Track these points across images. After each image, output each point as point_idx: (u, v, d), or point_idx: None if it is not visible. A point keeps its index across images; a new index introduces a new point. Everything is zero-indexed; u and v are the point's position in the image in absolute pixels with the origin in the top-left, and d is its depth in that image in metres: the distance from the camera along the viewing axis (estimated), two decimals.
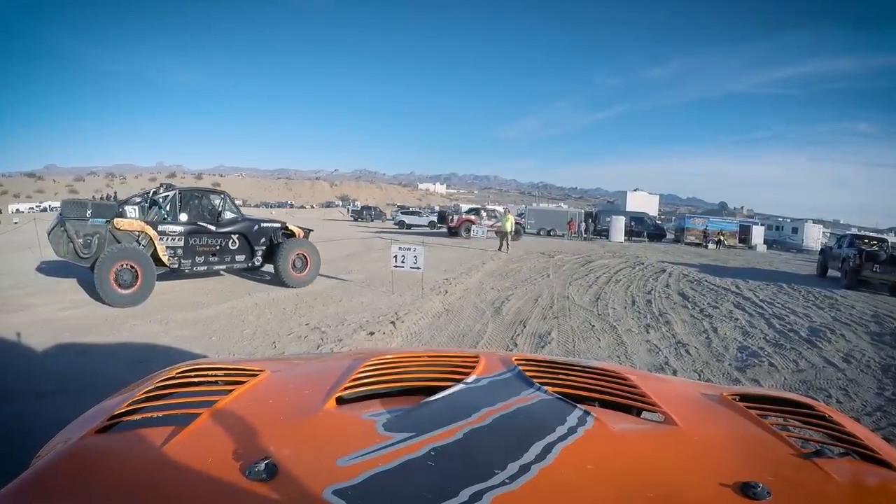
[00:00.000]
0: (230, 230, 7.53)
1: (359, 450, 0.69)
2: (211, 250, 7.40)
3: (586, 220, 29.14)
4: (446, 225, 22.49)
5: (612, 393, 0.99)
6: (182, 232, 7.02)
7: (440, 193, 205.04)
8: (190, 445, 0.73)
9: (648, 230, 29.03)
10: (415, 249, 7.23)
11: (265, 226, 7.97)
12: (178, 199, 7.15)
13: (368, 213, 42.93)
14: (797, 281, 11.80)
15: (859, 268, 10.91)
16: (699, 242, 27.20)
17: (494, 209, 26.54)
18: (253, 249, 7.80)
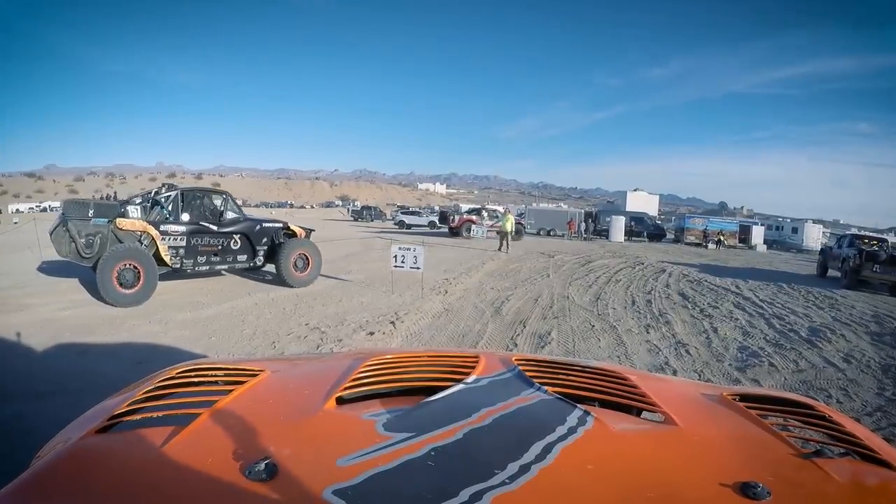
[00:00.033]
0: (232, 230, 7.53)
1: (359, 450, 0.69)
2: (213, 250, 7.40)
3: (586, 220, 29.16)
4: (448, 225, 22.72)
5: (612, 393, 0.99)
6: (184, 232, 7.02)
7: (440, 193, 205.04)
8: (190, 445, 0.73)
9: (648, 230, 29.03)
10: (414, 249, 7.23)
11: (267, 226, 7.97)
12: (181, 199, 7.15)
13: (368, 213, 42.91)
14: (797, 281, 11.80)
15: (859, 268, 10.91)
16: (699, 242, 27.22)
17: (495, 209, 26.56)
18: (255, 249, 7.79)
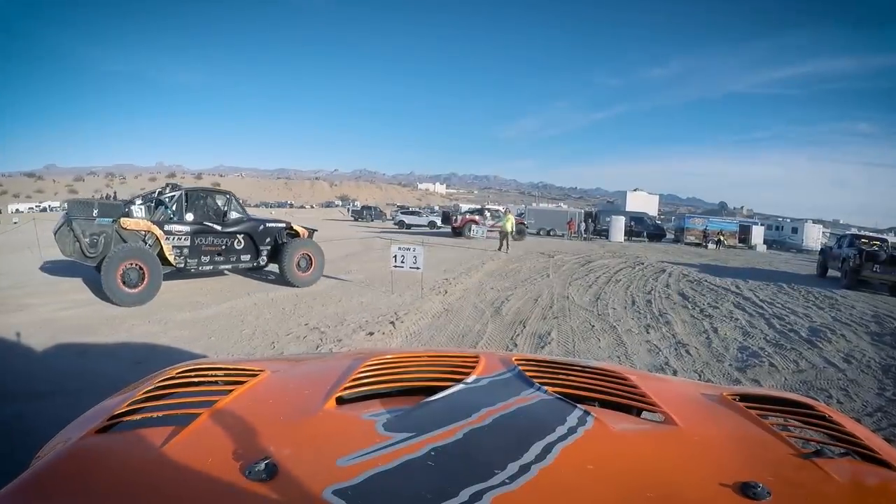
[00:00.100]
0: (235, 230, 7.55)
1: (359, 450, 0.69)
2: (216, 250, 7.42)
3: (586, 220, 29.17)
4: (450, 225, 23.13)
5: (612, 393, 0.99)
6: (188, 232, 7.04)
7: (440, 193, 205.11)
8: (190, 445, 0.73)
9: (648, 230, 29.04)
10: (414, 249, 7.23)
11: (270, 226, 8.00)
12: (185, 199, 7.17)
13: (368, 213, 42.94)
14: (797, 281, 11.80)
15: (859, 268, 10.92)
16: (699, 242, 27.23)
17: (497, 210, 26.61)
18: (258, 249, 7.82)
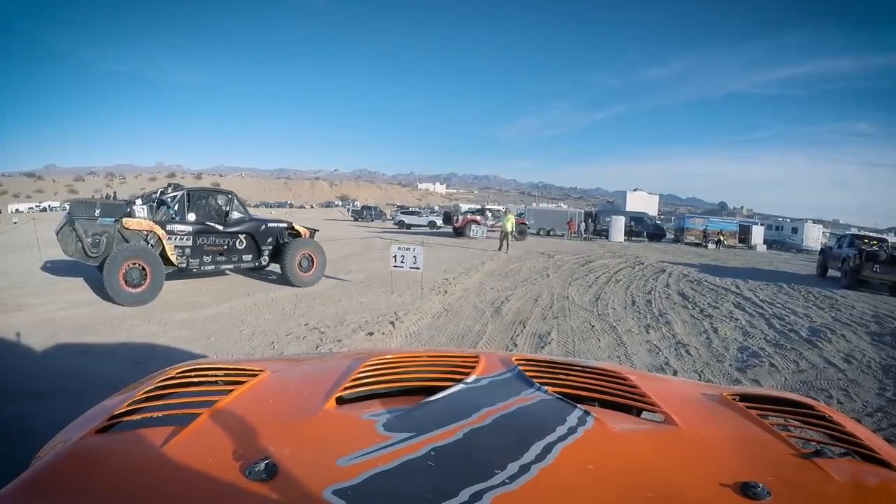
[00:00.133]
0: (237, 230, 7.57)
1: (359, 450, 0.69)
2: (218, 250, 7.44)
3: (586, 220, 29.17)
4: (451, 225, 23.40)
5: (612, 393, 0.99)
6: (190, 231, 7.06)
7: (440, 193, 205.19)
8: (190, 445, 0.73)
9: (648, 230, 29.04)
10: (414, 249, 7.24)
11: (272, 226, 8.02)
12: (187, 199, 7.18)
13: (369, 213, 42.94)
14: (797, 281, 11.80)
15: (859, 268, 10.92)
16: (699, 242, 27.23)
17: (498, 210, 26.63)
18: (260, 249, 7.84)
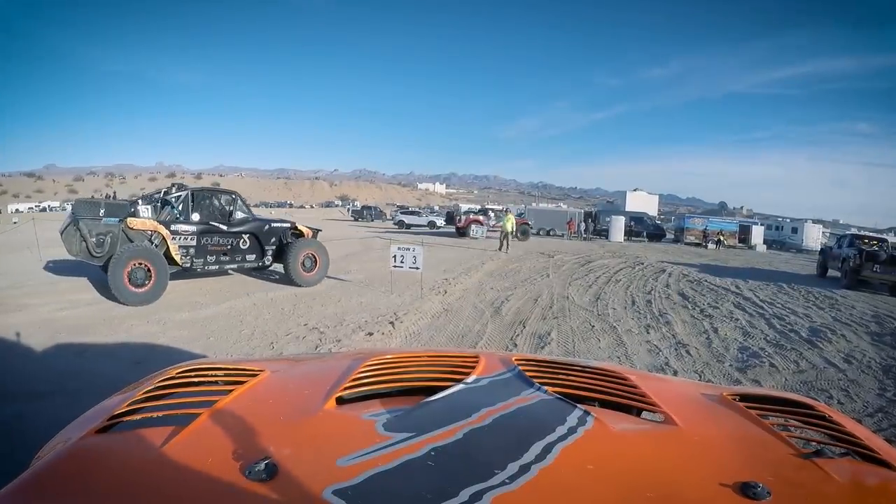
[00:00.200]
0: (241, 230, 7.59)
1: (359, 450, 0.69)
2: (222, 250, 7.46)
3: (586, 220, 29.16)
4: (454, 225, 23.73)
5: (612, 393, 0.99)
6: (194, 231, 7.08)
7: (440, 193, 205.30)
8: (190, 445, 0.73)
9: (648, 230, 29.04)
10: (414, 249, 7.23)
11: (275, 226, 8.05)
12: (191, 199, 7.20)
13: (369, 213, 42.92)
14: (797, 281, 11.80)
15: (859, 268, 10.92)
16: (699, 242, 27.23)
17: (501, 210, 26.66)
18: (263, 249, 7.87)
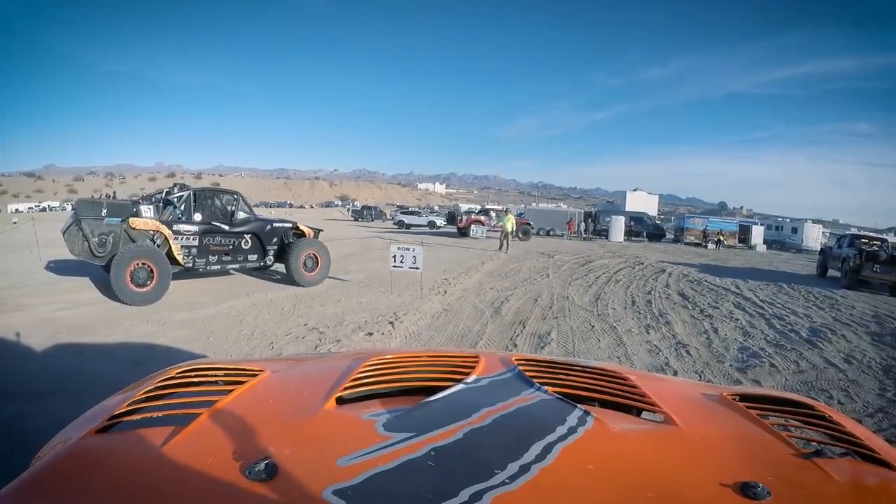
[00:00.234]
0: (243, 230, 7.62)
1: (359, 450, 0.69)
2: (224, 250, 7.48)
3: (586, 220, 29.15)
4: (456, 225, 23.92)
5: (612, 393, 0.99)
6: (196, 231, 7.09)
7: (440, 193, 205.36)
8: (190, 445, 0.73)
9: (648, 230, 29.04)
10: (413, 249, 7.23)
11: (277, 226, 8.07)
12: (193, 199, 7.22)
13: (369, 213, 42.93)
14: (797, 281, 11.81)
15: (859, 268, 10.92)
16: (699, 242, 27.23)
17: (502, 210, 26.72)
18: (265, 249, 7.89)
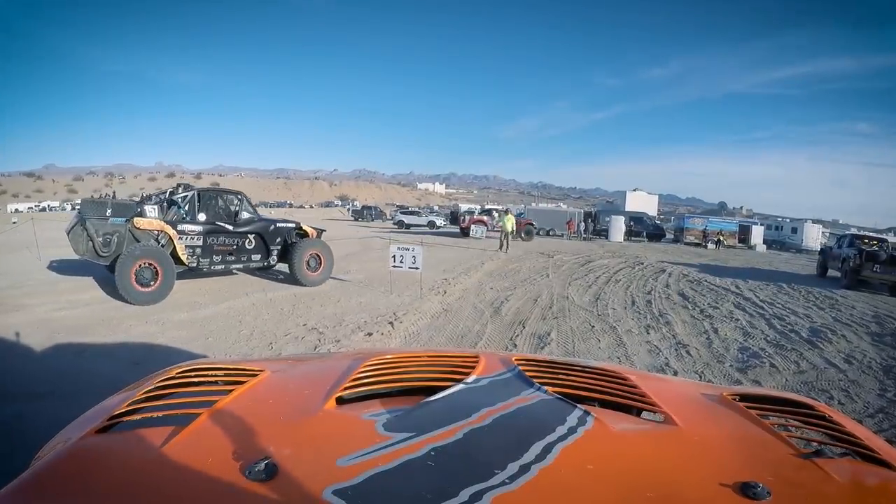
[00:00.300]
0: (247, 230, 7.63)
1: (359, 450, 0.69)
2: (228, 249, 7.50)
3: (585, 220, 29.14)
4: (458, 225, 24.05)
5: (612, 393, 0.99)
6: (200, 231, 7.11)
7: (439, 193, 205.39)
8: (190, 445, 0.73)
9: (648, 230, 29.05)
10: (413, 249, 7.23)
11: (280, 226, 8.09)
12: (197, 199, 7.23)
13: (369, 213, 42.92)
14: (797, 281, 11.81)
15: (859, 268, 10.92)
16: (699, 242, 27.24)
17: (503, 210, 26.75)
18: (268, 249, 7.91)
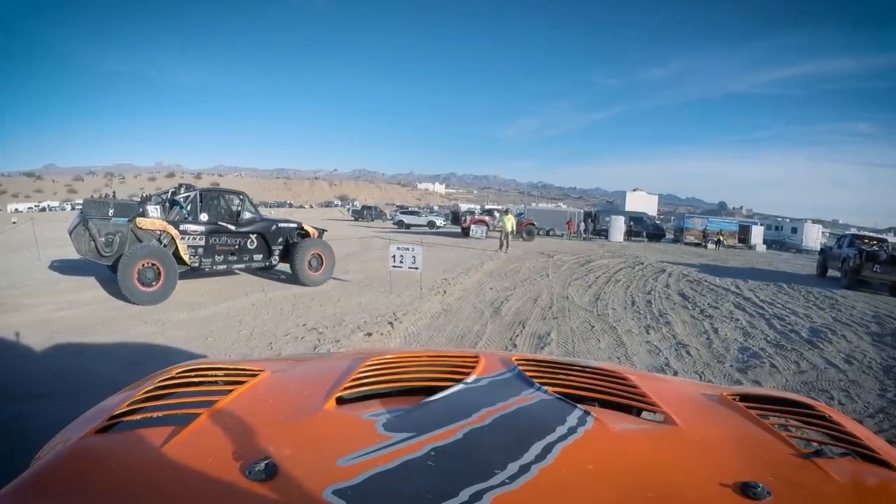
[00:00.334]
0: (249, 230, 7.65)
1: (359, 450, 0.69)
2: (230, 249, 7.52)
3: (585, 220, 29.12)
4: (460, 225, 24.17)
5: (612, 393, 0.99)
6: (203, 231, 7.13)
7: (439, 193, 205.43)
8: (190, 445, 0.73)
9: (648, 230, 29.04)
10: (413, 249, 7.23)
11: (282, 226, 8.12)
12: (199, 199, 7.24)
13: (369, 213, 42.89)
14: (797, 281, 11.81)
15: (859, 268, 10.92)
16: (698, 242, 27.23)
17: (503, 210, 26.78)
18: (270, 249, 7.93)
